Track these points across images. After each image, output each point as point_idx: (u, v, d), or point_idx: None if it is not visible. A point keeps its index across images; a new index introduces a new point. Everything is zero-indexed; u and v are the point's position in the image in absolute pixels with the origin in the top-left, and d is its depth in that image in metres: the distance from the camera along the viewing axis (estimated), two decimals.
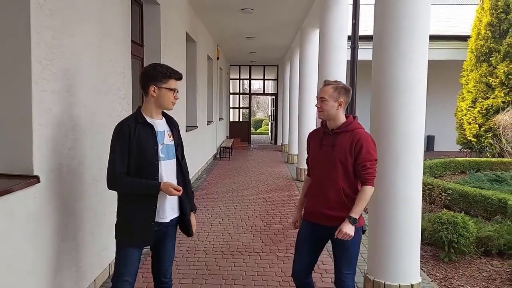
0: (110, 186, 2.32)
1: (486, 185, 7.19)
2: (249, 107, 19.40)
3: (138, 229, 2.33)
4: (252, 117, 24.38)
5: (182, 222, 2.56)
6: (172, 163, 2.44)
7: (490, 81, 11.78)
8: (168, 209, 2.42)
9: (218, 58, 12.29)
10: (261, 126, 31.51)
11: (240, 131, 18.06)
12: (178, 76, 2.41)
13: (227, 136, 17.56)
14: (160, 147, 2.35)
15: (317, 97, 2.58)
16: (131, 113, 4.21)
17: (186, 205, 2.52)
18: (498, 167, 9.41)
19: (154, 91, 2.33)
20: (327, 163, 2.50)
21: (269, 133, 22.39)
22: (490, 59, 11.75)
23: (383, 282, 3.09)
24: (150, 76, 2.34)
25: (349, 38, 6.14)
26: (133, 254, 2.38)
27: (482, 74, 11.95)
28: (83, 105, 3.02)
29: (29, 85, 2.32)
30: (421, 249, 4.79)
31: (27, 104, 2.33)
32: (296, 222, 2.82)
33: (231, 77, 18.55)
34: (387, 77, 3.07)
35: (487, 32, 11.83)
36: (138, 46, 5.09)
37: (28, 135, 2.34)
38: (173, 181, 2.42)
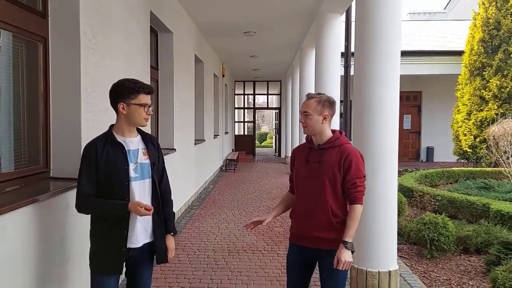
0: (79, 209, 2.24)
1: (474, 192, 7.72)
2: (254, 121, 20.07)
3: (109, 255, 2.23)
4: (256, 130, 25.03)
5: (154, 246, 2.37)
6: (147, 183, 2.31)
7: (484, 94, 12.32)
8: (141, 233, 2.29)
9: (223, 75, 13.01)
10: (265, 139, 32.09)
11: (245, 144, 18.69)
12: (148, 90, 2.26)
13: (232, 149, 18.19)
14: (132, 166, 2.23)
15: (300, 111, 2.45)
16: (150, 128, 4.90)
17: (157, 228, 2.35)
18: (492, 176, 9.91)
19: (124, 108, 2.21)
20: (314, 181, 2.37)
21: (273, 146, 23.02)
22: (483, 73, 12.31)
23: (365, 269, 3.65)
24: (118, 93, 2.22)
25: (342, 54, 6.81)
26: (108, 283, 2.26)
27: (476, 88, 12.49)
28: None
29: (79, 108, 2.97)
30: (407, 247, 5.37)
31: (78, 123, 2.98)
32: (257, 222, 2.56)
33: (236, 92, 19.27)
34: (363, 95, 3.69)
35: (480, 47, 12.41)
36: (154, 69, 5.77)
37: (78, 147, 2.97)
38: (147, 202, 2.28)
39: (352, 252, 2.31)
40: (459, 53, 13.44)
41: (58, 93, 2.97)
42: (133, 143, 2.29)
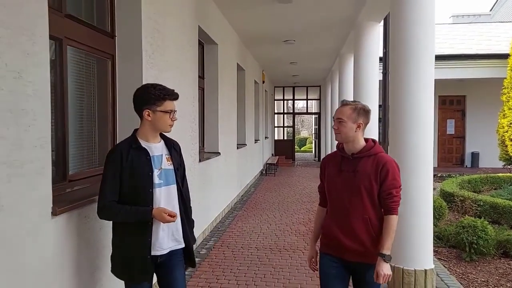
0: (101, 216, 2.22)
1: None
2: (293, 126, 20.32)
3: (134, 264, 2.20)
4: (296, 135, 25.20)
5: (187, 251, 2.39)
6: (172, 189, 2.29)
7: None
8: (166, 240, 2.26)
9: (263, 82, 13.38)
10: (305, 144, 32.16)
11: (285, 149, 18.95)
12: (174, 97, 2.25)
13: (272, 154, 18.51)
14: (156, 172, 2.21)
15: (333, 118, 2.42)
16: (197, 133, 5.30)
17: (186, 233, 2.36)
18: None
19: (149, 115, 2.19)
20: (349, 191, 2.30)
21: (313, 150, 23.12)
22: None
23: (402, 268, 3.84)
24: (143, 100, 2.20)
25: (381, 59, 6.96)
26: None
27: None
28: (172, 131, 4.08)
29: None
30: (446, 250, 5.45)
31: None
32: (312, 258, 2.58)
33: (276, 98, 19.61)
34: (396, 100, 3.89)
35: None
36: (201, 78, 6.19)
37: None
38: (174, 208, 2.27)
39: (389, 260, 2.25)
40: (505, 56, 13.09)
41: (123, 103, 3.38)
42: (157, 148, 2.27)
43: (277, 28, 7.85)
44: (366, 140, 2.39)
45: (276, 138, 21.16)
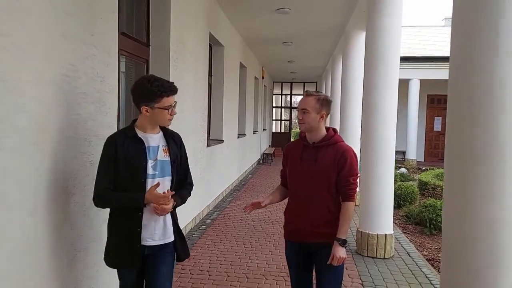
0: (96, 203, 2.21)
1: None
2: (290, 120, 21.32)
3: (123, 250, 2.22)
4: (293, 128, 26.24)
5: (177, 244, 2.36)
6: (167, 181, 2.26)
7: None
8: (157, 232, 2.25)
9: (263, 78, 14.37)
10: None
11: (282, 141, 19.95)
12: (172, 92, 2.20)
13: (269, 145, 19.54)
14: (151, 163, 2.19)
15: (297, 108, 2.48)
16: (206, 123, 6.32)
17: (176, 227, 2.36)
18: None
19: (147, 111, 2.17)
20: (309, 178, 2.40)
21: None
22: None
23: (367, 232, 4.87)
24: (140, 97, 2.18)
25: None
26: (130, 273, 2.27)
27: None
28: (187, 120, 5.09)
29: None
30: (412, 227, 6.51)
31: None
32: (256, 203, 2.54)
33: (274, 92, 20.60)
34: (366, 98, 4.91)
35: None
36: (209, 76, 7.19)
37: None
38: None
39: (345, 243, 2.36)
40: None
41: None
42: (153, 139, 2.25)
43: (277, 33, 8.85)
44: (327, 129, 2.49)
45: (274, 130, 22.19)
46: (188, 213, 5.52)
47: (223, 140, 7.69)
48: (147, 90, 2.13)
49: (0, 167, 1.93)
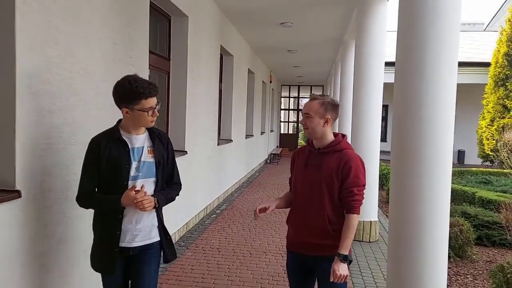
0: (79, 204, 2.23)
1: (471, 185, 9.35)
2: (297, 121, 22.07)
3: (102, 254, 2.20)
4: (300, 130, 27.00)
5: (164, 244, 2.31)
6: (150, 182, 2.21)
7: (506, 103, 13.58)
8: (140, 233, 2.20)
9: (271, 82, 15.18)
10: None
11: (289, 142, 20.79)
12: (151, 94, 2.11)
13: (277, 146, 20.33)
14: (134, 165, 2.16)
15: (301, 112, 2.37)
16: (217, 124, 7.17)
17: (164, 227, 2.32)
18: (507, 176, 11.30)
19: (127, 113, 2.12)
20: (311, 186, 2.28)
21: None
22: (507, 84, 13.57)
23: None
24: (119, 98, 2.12)
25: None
26: (111, 281, 2.24)
27: (500, 97, 13.74)
28: (201, 122, 5.93)
29: (184, 113, 5.22)
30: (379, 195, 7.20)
31: (183, 123, 5.22)
32: (260, 207, 2.42)
33: (282, 95, 21.39)
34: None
35: (504, 60, 13.68)
36: (220, 83, 8.04)
37: (182, 140, 5.21)
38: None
39: (350, 262, 2.19)
40: (487, 65, 14.70)
41: (174, 104, 5.23)
42: (138, 140, 2.21)
43: (282, 42, 9.68)
44: (336, 135, 2.35)
45: (282, 132, 22.96)
46: (200, 203, 6.36)
47: (232, 140, 8.52)
48: (126, 90, 2.07)
49: (73, 158, 2.77)
